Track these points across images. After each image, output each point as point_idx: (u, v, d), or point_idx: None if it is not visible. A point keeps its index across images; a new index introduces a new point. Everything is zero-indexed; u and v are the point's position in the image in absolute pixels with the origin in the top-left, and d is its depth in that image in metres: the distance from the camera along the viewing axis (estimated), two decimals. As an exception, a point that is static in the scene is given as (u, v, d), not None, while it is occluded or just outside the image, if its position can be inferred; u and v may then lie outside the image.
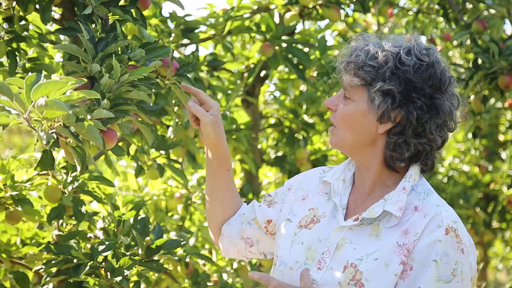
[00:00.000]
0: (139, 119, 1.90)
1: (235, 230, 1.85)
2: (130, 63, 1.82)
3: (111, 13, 1.93)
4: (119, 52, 1.80)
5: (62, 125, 1.48)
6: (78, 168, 1.55)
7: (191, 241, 3.08)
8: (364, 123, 1.59)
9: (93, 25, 1.93)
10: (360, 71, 1.57)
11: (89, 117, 1.48)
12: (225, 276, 3.25)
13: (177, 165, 2.98)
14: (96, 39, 1.77)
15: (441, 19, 4.09)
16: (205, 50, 6.07)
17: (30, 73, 2.17)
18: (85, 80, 1.52)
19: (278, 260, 1.69)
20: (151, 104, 2.19)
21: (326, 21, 3.42)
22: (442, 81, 1.56)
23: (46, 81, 1.42)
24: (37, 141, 1.48)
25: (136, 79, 1.71)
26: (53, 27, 2.56)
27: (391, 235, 1.55)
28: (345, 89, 1.62)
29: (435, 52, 1.58)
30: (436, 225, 1.52)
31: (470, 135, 5.13)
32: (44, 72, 1.47)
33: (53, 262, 2.17)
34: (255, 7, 3.25)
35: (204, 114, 1.77)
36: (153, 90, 1.80)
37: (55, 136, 1.49)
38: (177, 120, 2.91)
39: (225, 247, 1.88)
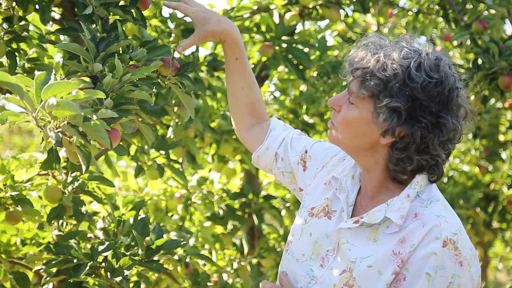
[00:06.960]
0: (140, 119, 1.90)
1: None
2: (131, 62, 1.82)
3: (111, 13, 1.93)
4: (121, 52, 1.80)
5: (68, 124, 1.47)
6: (84, 168, 1.55)
7: (191, 241, 3.07)
8: (366, 131, 1.56)
9: (93, 25, 1.93)
10: (368, 82, 1.52)
11: (94, 117, 1.48)
12: (225, 276, 3.26)
13: (177, 165, 2.98)
14: (98, 39, 1.77)
15: (441, 19, 4.08)
16: (205, 50, 6.07)
17: (37, 72, 2.19)
18: (88, 79, 1.52)
19: (290, 248, 1.70)
20: (152, 104, 2.19)
21: (326, 21, 3.43)
22: (449, 98, 1.52)
23: (57, 81, 1.41)
24: (43, 140, 1.47)
25: (137, 79, 1.71)
26: (53, 27, 2.55)
27: (389, 242, 1.53)
28: (350, 95, 1.58)
29: (446, 64, 1.53)
30: (433, 236, 1.49)
31: (470, 135, 5.13)
32: (53, 71, 1.46)
33: (53, 262, 2.17)
34: (255, 7, 3.25)
35: (185, 8, 1.91)
36: (154, 89, 1.80)
37: (61, 136, 1.49)
38: (177, 120, 2.91)
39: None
